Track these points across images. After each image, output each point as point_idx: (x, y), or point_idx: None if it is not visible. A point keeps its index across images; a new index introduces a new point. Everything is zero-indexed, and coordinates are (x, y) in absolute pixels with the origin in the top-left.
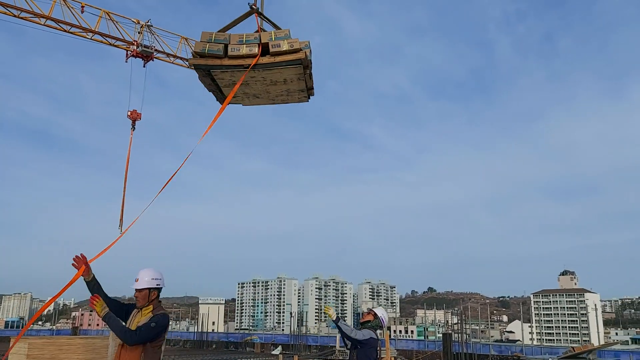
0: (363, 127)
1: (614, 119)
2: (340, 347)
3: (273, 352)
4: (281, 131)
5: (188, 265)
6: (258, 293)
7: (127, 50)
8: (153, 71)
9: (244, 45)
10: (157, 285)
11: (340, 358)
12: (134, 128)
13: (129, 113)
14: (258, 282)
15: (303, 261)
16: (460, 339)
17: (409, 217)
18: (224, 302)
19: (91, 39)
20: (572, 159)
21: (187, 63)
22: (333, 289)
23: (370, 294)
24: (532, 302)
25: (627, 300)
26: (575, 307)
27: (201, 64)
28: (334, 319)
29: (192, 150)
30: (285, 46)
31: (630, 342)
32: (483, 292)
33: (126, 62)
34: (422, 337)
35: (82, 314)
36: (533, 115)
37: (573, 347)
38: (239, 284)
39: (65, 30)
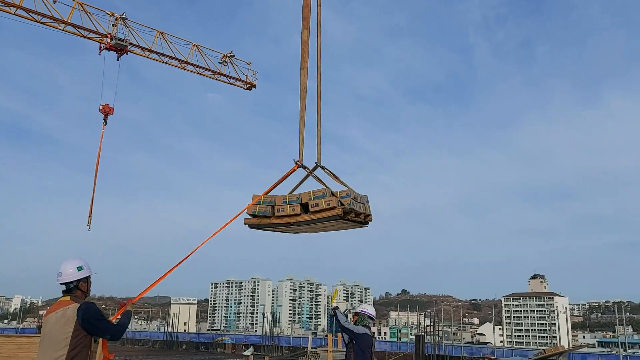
0: (342, 129)
1: (587, 126)
2: (312, 348)
3: (244, 353)
4: (260, 130)
5: (161, 264)
6: (231, 294)
7: (100, 43)
8: (128, 66)
9: (288, 206)
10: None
11: (312, 359)
12: (106, 123)
13: (101, 107)
14: (232, 283)
15: (277, 262)
16: (432, 341)
17: (384, 219)
18: (196, 302)
19: (63, 30)
20: (545, 165)
21: (162, 58)
22: (307, 290)
23: (345, 295)
24: (503, 305)
25: (595, 304)
26: (545, 311)
27: (254, 224)
28: (334, 305)
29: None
30: (322, 205)
31: (596, 345)
32: (455, 294)
33: (99, 54)
34: (395, 339)
35: None
36: (508, 121)
37: (544, 350)
38: (212, 284)
39: (36, 21)
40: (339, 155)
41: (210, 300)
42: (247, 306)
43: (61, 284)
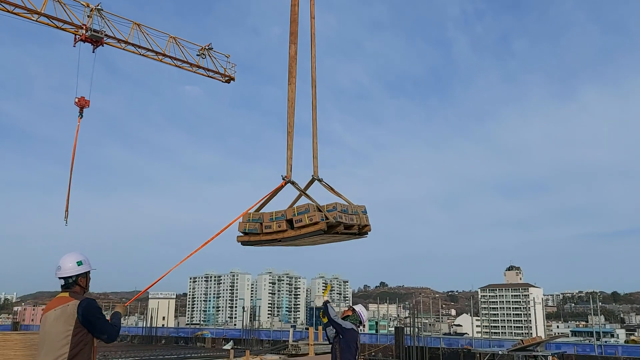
0: (322, 122)
1: (561, 120)
2: (293, 341)
3: (224, 347)
4: (237, 123)
5: (138, 258)
6: (210, 288)
7: (75, 35)
8: (103, 58)
9: (274, 222)
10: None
11: (293, 352)
12: (82, 116)
13: (77, 100)
14: (210, 277)
15: (256, 256)
16: (411, 332)
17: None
18: (175, 296)
19: (37, 20)
20: (520, 158)
21: (139, 50)
22: (287, 284)
23: (324, 288)
24: (479, 297)
25: (568, 295)
26: (520, 301)
27: (245, 241)
28: (325, 299)
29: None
30: (305, 220)
31: (570, 335)
32: (433, 286)
33: (74, 46)
34: (374, 331)
35: (24, 309)
36: (486, 115)
37: (522, 340)
38: (190, 278)
39: (7, 11)
40: (319, 148)
41: (189, 295)
42: (226, 300)
43: (60, 278)
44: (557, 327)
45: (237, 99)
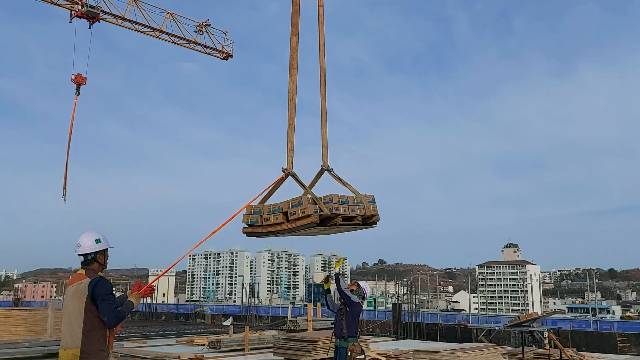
0: (317, 98)
1: (560, 98)
2: (292, 317)
3: (224, 323)
4: (236, 100)
5: (137, 236)
6: (210, 265)
7: (71, 10)
8: (100, 34)
9: (272, 215)
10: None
11: (292, 328)
12: (79, 93)
13: (73, 77)
14: (210, 254)
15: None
16: (409, 309)
17: (362, 190)
18: (174, 273)
19: None
20: (519, 136)
21: (135, 26)
22: (285, 261)
23: (322, 265)
24: (477, 274)
25: (565, 272)
26: (518, 279)
27: (249, 232)
28: (337, 271)
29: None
30: (299, 213)
31: (566, 311)
32: (431, 264)
33: (70, 22)
34: (372, 308)
35: (25, 286)
36: (485, 92)
37: (518, 316)
38: (190, 255)
39: None
40: (317, 125)
41: (189, 272)
42: (226, 277)
43: (79, 255)
44: (554, 303)
45: (235, 76)
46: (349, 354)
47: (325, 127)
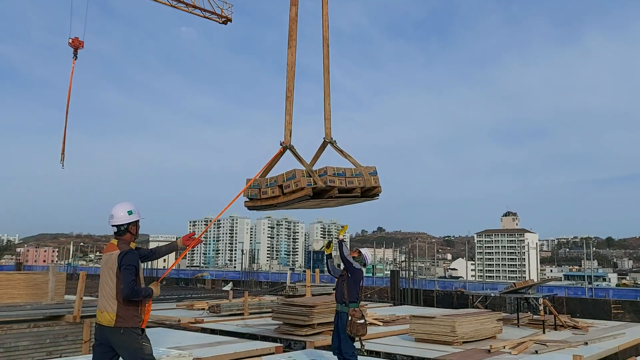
0: (320, 66)
1: (563, 65)
2: (290, 283)
3: (224, 288)
4: (235, 67)
5: (138, 202)
6: (210, 231)
7: None
8: None
9: (269, 188)
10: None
11: (290, 293)
12: (76, 57)
13: (70, 41)
14: (210, 221)
15: None
16: (407, 276)
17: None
18: (175, 239)
19: None
20: (520, 104)
21: None
22: (285, 228)
23: (322, 233)
24: (475, 241)
25: (563, 240)
26: (516, 247)
27: (249, 206)
28: (341, 237)
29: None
30: (292, 186)
31: (563, 279)
32: (430, 231)
33: None
34: (371, 274)
35: (27, 250)
36: (487, 60)
37: (514, 283)
38: (190, 222)
39: None
40: (317, 93)
41: None
42: (226, 243)
43: (112, 226)
44: (551, 271)
45: (233, 43)
46: (349, 318)
47: (328, 99)
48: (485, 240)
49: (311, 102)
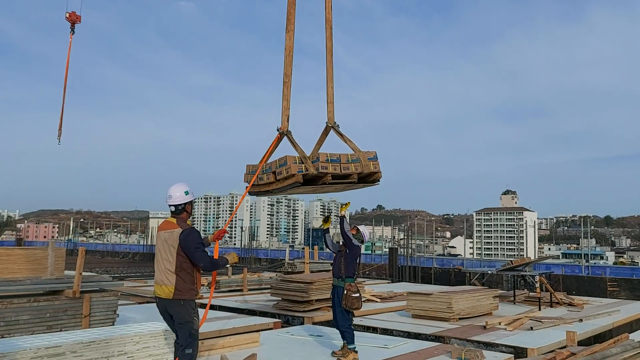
0: (319, 43)
1: (566, 43)
2: (289, 259)
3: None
4: (234, 43)
5: (138, 179)
6: (210, 208)
7: None
8: None
9: (265, 174)
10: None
11: (289, 270)
12: (74, 32)
13: (67, 15)
14: (210, 198)
15: None
16: (405, 253)
17: (361, 136)
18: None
19: None
20: (522, 82)
21: None
22: (285, 206)
23: (321, 211)
24: (474, 220)
25: (562, 219)
26: (514, 225)
27: (250, 192)
28: (343, 213)
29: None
30: (284, 173)
31: (560, 257)
32: (429, 210)
33: None
34: (370, 252)
35: (27, 226)
36: (490, 36)
37: (511, 261)
38: None
39: None
40: (317, 70)
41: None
42: (225, 221)
43: (170, 205)
44: (549, 249)
45: (233, 17)
46: (345, 292)
47: (331, 83)
48: (484, 219)
49: (311, 80)
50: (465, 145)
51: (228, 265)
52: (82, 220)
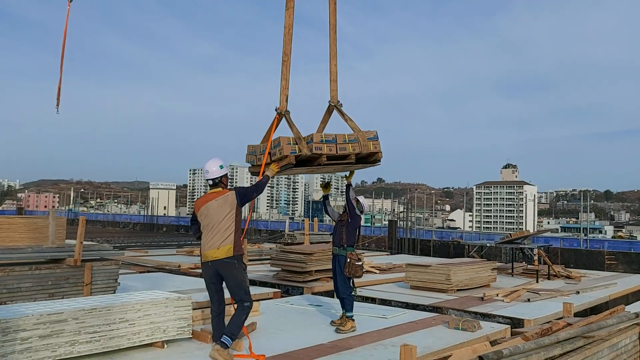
0: (322, 13)
1: (572, 15)
2: (289, 231)
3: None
4: (235, 12)
5: (138, 149)
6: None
7: None
8: None
9: (262, 155)
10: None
11: (289, 241)
12: None
13: None
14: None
15: None
16: (405, 226)
17: (362, 108)
18: (175, 187)
19: None
20: (526, 55)
21: None
22: (285, 178)
23: (322, 183)
24: (474, 193)
25: (562, 193)
26: (514, 199)
27: (251, 172)
28: (349, 182)
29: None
30: (277, 154)
31: (560, 230)
32: (429, 183)
33: None
34: (369, 224)
35: (28, 195)
36: (496, 8)
37: (510, 234)
38: (190, 170)
39: None
40: (319, 41)
41: (189, 186)
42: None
43: (208, 179)
44: (548, 223)
45: None
46: (347, 260)
47: (335, 60)
48: (484, 192)
49: (313, 51)
50: (467, 119)
51: (271, 176)
52: (82, 190)
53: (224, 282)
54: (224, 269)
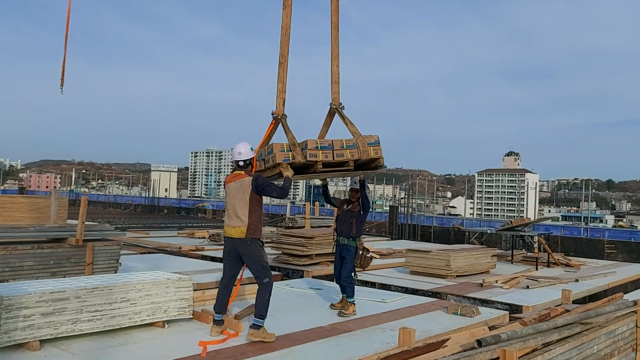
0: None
1: (581, 2)
2: (290, 215)
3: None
4: None
5: (140, 132)
6: (211, 163)
7: None
8: None
9: (257, 162)
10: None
11: (290, 225)
12: None
13: None
14: (212, 152)
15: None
16: (406, 212)
17: (365, 93)
18: (176, 170)
19: None
20: (532, 42)
21: None
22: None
23: None
24: (475, 180)
25: (563, 181)
26: (516, 186)
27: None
28: (362, 177)
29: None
30: (270, 161)
31: (560, 219)
32: (431, 169)
33: None
34: (370, 209)
35: (30, 176)
36: None
37: (511, 221)
38: (192, 153)
39: None
40: (322, 24)
41: (190, 169)
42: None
43: (238, 161)
44: (549, 211)
45: None
46: (360, 252)
47: (337, 61)
48: (485, 179)
49: (316, 34)
50: (470, 106)
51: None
52: (84, 171)
53: (241, 259)
54: (239, 245)
